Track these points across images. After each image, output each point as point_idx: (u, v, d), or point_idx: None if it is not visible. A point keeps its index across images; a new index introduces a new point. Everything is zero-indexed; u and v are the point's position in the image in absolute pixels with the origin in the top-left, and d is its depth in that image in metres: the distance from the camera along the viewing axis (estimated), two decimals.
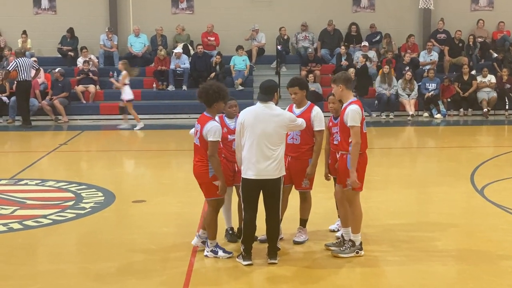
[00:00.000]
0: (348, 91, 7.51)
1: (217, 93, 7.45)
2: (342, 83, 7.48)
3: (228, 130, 7.87)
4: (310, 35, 23.15)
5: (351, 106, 7.36)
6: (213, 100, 7.44)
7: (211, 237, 7.60)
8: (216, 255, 7.56)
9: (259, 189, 7.31)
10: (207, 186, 7.47)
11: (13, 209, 9.82)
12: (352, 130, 7.30)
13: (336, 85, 7.52)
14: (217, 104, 7.47)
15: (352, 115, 7.30)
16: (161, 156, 15.04)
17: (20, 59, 18.95)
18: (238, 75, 21.58)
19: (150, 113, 20.75)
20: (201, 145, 7.43)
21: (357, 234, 7.56)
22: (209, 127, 7.33)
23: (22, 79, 18.87)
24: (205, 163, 7.42)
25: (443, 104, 20.69)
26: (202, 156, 7.44)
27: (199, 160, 7.48)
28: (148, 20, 23.07)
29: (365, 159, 7.52)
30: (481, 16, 23.34)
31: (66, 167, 13.75)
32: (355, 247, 7.55)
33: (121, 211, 9.95)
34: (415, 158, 15.13)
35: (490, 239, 8.30)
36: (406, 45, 22.71)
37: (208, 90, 7.46)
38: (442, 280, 7.02)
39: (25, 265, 7.56)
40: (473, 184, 11.32)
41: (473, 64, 21.98)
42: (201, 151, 7.44)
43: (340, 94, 7.53)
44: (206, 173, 7.42)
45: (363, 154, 7.47)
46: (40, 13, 23.42)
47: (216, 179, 7.40)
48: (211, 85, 7.56)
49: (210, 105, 7.47)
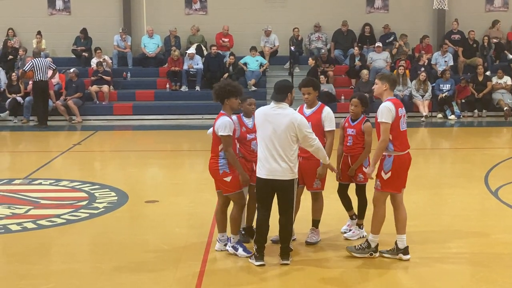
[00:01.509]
0: (391, 92, 7.41)
1: (224, 89, 7.54)
2: (388, 82, 7.39)
3: (247, 129, 7.87)
4: (323, 35, 23.11)
5: (386, 102, 7.28)
6: (223, 96, 7.52)
7: (234, 232, 7.66)
8: (236, 252, 7.58)
9: (271, 189, 7.29)
10: (220, 182, 7.57)
11: (27, 209, 9.87)
12: (382, 126, 7.19)
13: (381, 82, 7.40)
14: (228, 101, 7.54)
15: (383, 111, 7.21)
16: (174, 157, 15.07)
17: (36, 60, 19.08)
18: (252, 75, 21.58)
19: (163, 114, 20.82)
20: (214, 142, 7.56)
21: (376, 235, 7.47)
22: (219, 122, 7.44)
23: (38, 79, 18.99)
24: (217, 160, 7.51)
25: (457, 105, 20.60)
26: (215, 153, 7.55)
27: (212, 157, 7.59)
28: (161, 20, 23.14)
29: (403, 159, 7.31)
30: (496, 16, 23.22)
31: (80, 167, 13.81)
32: (370, 248, 7.48)
33: (134, 211, 9.97)
34: (429, 159, 15.06)
35: (505, 241, 8.24)
36: (420, 46, 22.62)
37: (218, 88, 7.61)
38: (456, 282, 6.98)
39: (39, 265, 7.60)
40: (487, 185, 11.25)
41: (488, 65, 21.86)
42: (214, 148, 7.56)
43: (382, 92, 7.41)
44: (217, 169, 7.52)
45: (403, 155, 7.29)
46: (54, 14, 23.54)
47: (227, 175, 7.46)
48: (221, 83, 7.74)
49: (222, 101, 7.56)
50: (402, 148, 7.29)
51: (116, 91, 21.58)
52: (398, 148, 7.25)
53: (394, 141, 7.24)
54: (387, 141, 7.20)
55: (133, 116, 20.53)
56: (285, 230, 7.42)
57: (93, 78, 21.30)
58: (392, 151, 7.25)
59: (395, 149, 7.24)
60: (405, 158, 7.35)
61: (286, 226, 7.41)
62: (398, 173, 7.30)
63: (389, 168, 7.25)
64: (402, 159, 7.30)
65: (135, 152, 15.85)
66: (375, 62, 21.66)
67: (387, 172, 7.27)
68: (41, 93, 19.22)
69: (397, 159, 7.25)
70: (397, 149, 7.25)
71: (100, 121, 20.36)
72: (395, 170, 7.26)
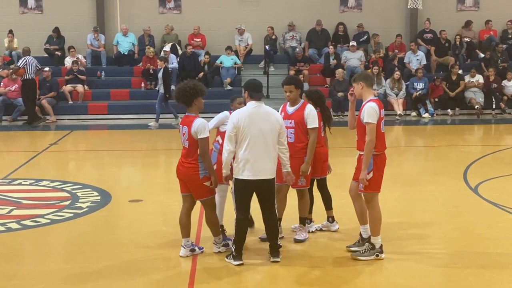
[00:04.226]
0: (368, 89, 7.47)
1: (194, 89, 7.36)
2: (362, 80, 7.47)
3: None
4: (298, 34, 23.21)
5: (370, 103, 7.34)
6: (192, 96, 7.34)
7: (217, 233, 7.65)
8: (229, 247, 7.57)
9: (253, 190, 7.31)
10: (199, 187, 7.40)
11: (9, 209, 9.77)
12: (368, 127, 7.26)
13: (356, 84, 7.49)
14: (197, 101, 7.38)
15: (369, 111, 7.27)
16: (151, 156, 15.04)
17: (28, 57, 19.10)
18: (227, 74, 21.59)
19: (138, 113, 20.71)
20: (190, 147, 7.33)
21: (377, 236, 7.50)
22: (197, 125, 7.27)
23: (28, 77, 18.98)
24: (196, 165, 7.34)
25: (430, 104, 20.85)
26: (193, 157, 7.34)
27: (189, 162, 7.36)
28: (135, 19, 23.03)
29: (383, 159, 7.45)
30: (467, 16, 23.56)
31: (58, 167, 13.69)
32: (375, 250, 7.48)
33: (118, 210, 9.92)
34: (406, 157, 15.23)
35: (488, 237, 8.38)
36: (393, 44, 22.85)
37: (185, 89, 7.36)
38: (445, 278, 7.10)
39: (27, 265, 7.55)
40: (467, 182, 11.42)
41: (460, 64, 22.16)
42: (192, 153, 7.34)
43: (361, 92, 7.47)
44: (197, 175, 7.35)
45: (382, 155, 7.42)
46: (26, 12, 23.27)
47: (207, 179, 7.37)
48: (186, 84, 7.45)
49: (190, 103, 7.37)
50: (381, 148, 7.41)
51: (90, 90, 21.41)
52: (377, 148, 7.35)
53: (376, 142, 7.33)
54: (374, 141, 7.28)
55: (108, 116, 20.39)
56: (273, 227, 7.45)
57: (67, 78, 21.10)
58: (372, 152, 7.34)
59: (375, 150, 7.34)
60: (383, 157, 7.48)
61: (272, 224, 7.43)
62: (379, 172, 7.42)
63: (371, 168, 7.36)
64: (381, 159, 7.43)
65: (112, 151, 15.76)
66: (349, 61, 21.84)
67: (369, 172, 7.36)
68: (31, 91, 19.15)
69: (377, 159, 7.37)
70: (376, 150, 7.35)
71: (75, 120, 20.18)
72: (376, 169, 7.38)
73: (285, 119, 7.84)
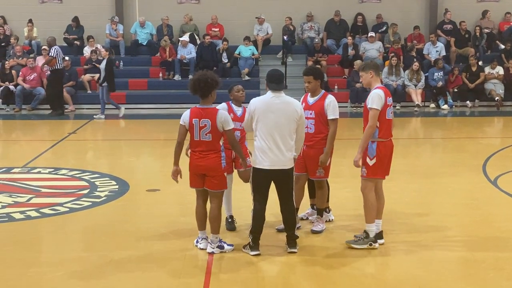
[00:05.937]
0: (377, 77, 7.55)
1: (215, 81, 7.25)
2: (373, 69, 7.52)
3: (235, 116, 7.88)
4: (316, 25, 23.12)
5: (376, 90, 7.40)
6: (212, 88, 7.22)
7: (217, 231, 7.43)
8: (223, 250, 7.43)
9: (271, 180, 7.31)
10: (220, 178, 7.37)
11: (29, 197, 9.83)
12: (371, 112, 7.28)
13: (365, 72, 7.55)
14: (214, 92, 7.30)
15: (374, 97, 7.32)
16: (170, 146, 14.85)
17: (58, 47, 19.24)
18: (245, 65, 21.57)
19: (157, 103, 20.80)
20: (214, 139, 7.24)
21: (370, 224, 7.48)
22: (222, 117, 7.19)
23: (58, 67, 19.15)
24: (220, 155, 7.32)
25: (449, 95, 20.70)
26: (217, 149, 7.29)
27: (214, 153, 7.27)
28: (154, 8, 23.08)
29: (388, 146, 7.47)
30: (487, 7, 23.36)
31: (77, 156, 13.75)
32: (369, 239, 7.47)
33: (136, 200, 9.96)
34: (424, 148, 15.15)
35: (508, 229, 8.32)
36: (412, 35, 22.69)
37: (207, 80, 7.19)
38: (464, 270, 7.06)
39: (46, 253, 7.60)
40: (486, 175, 11.34)
41: (480, 55, 21.97)
42: (215, 144, 7.26)
43: (370, 80, 7.54)
44: (221, 164, 7.33)
45: (387, 142, 7.43)
46: (46, 2, 23.38)
47: (225, 170, 7.37)
48: (205, 75, 7.28)
49: (208, 94, 7.23)
50: (386, 135, 7.42)
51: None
52: (382, 135, 7.38)
53: (380, 129, 7.36)
54: (375, 127, 7.32)
55: (127, 105, 20.43)
56: (290, 217, 7.44)
57: (86, 67, 21.18)
58: (376, 138, 7.37)
59: (379, 136, 7.36)
60: (388, 144, 7.48)
61: (291, 214, 7.44)
62: (382, 159, 7.42)
63: (374, 154, 7.37)
64: (385, 145, 7.43)
65: (130, 141, 15.81)
66: (368, 52, 21.74)
67: (372, 158, 7.38)
68: (59, 81, 19.34)
69: (380, 145, 7.38)
70: (381, 136, 7.37)
71: (94, 110, 20.24)
72: (379, 156, 7.38)
73: (306, 109, 7.80)
